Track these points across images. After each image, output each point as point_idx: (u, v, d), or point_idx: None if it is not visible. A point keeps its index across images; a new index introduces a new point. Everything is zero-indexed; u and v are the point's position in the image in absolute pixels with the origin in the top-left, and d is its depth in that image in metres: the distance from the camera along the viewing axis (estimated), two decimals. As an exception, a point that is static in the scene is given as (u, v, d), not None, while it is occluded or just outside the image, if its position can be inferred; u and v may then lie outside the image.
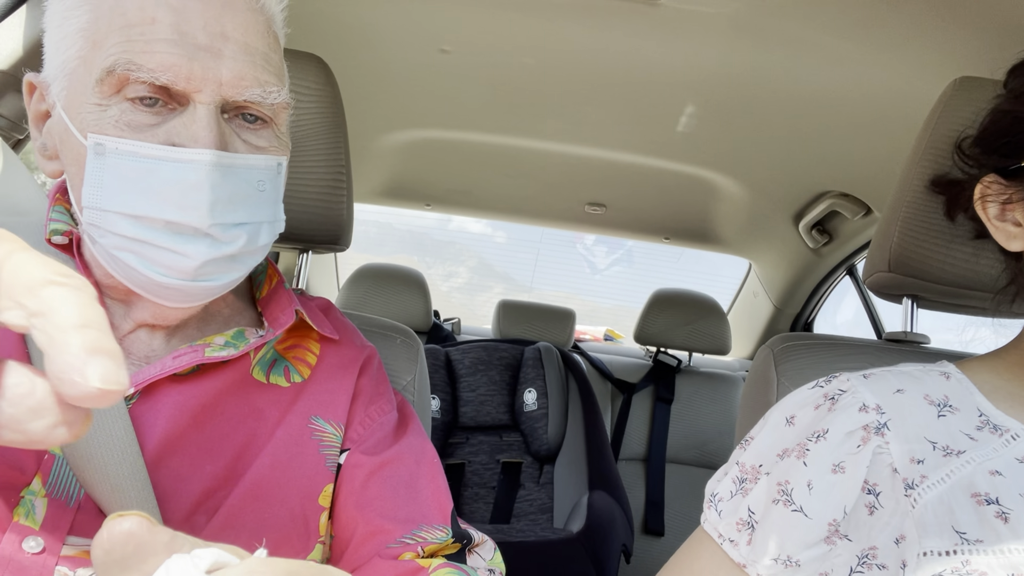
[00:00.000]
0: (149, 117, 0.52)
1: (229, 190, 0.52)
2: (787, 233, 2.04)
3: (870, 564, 0.53)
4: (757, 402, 0.89)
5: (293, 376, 0.66)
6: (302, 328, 0.69)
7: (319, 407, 0.65)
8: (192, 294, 0.54)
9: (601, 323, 3.50)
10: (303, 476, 0.61)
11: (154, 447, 0.55)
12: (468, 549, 0.65)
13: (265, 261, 0.73)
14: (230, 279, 0.56)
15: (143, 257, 0.51)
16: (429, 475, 0.67)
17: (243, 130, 0.56)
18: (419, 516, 0.63)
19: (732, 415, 2.22)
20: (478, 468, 1.95)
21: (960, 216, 0.72)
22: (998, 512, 0.50)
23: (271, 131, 0.58)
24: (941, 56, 1.03)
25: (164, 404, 0.57)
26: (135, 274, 0.52)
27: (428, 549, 0.62)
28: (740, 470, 0.61)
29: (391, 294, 2.15)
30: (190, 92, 0.51)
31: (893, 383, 0.60)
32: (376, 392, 0.71)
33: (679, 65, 1.24)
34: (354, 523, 0.62)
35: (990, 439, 0.55)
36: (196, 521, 0.55)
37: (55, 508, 0.51)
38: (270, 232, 0.58)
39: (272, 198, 0.58)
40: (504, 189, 2.14)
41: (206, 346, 0.59)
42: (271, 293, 0.69)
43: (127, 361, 0.58)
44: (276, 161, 0.58)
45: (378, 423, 0.68)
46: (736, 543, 0.58)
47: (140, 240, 0.51)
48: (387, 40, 1.29)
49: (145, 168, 0.50)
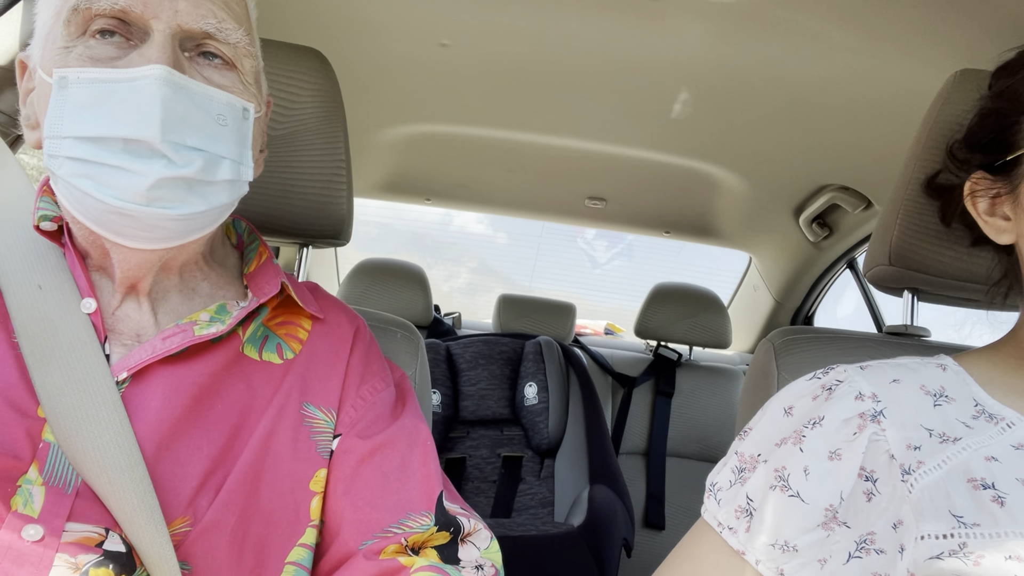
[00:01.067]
0: (111, 50, 0.54)
1: (182, 110, 0.53)
2: (787, 226, 2.04)
3: (868, 549, 0.54)
4: (758, 395, 0.89)
5: (286, 352, 0.66)
6: (292, 305, 0.70)
7: (310, 394, 0.65)
8: (149, 226, 0.54)
9: (601, 317, 3.50)
10: (295, 461, 0.62)
11: (150, 431, 0.55)
12: (460, 539, 0.64)
13: (258, 240, 0.74)
14: (188, 211, 0.55)
15: (97, 180, 0.52)
16: (421, 458, 0.66)
17: (204, 67, 0.58)
18: (407, 503, 0.63)
19: (732, 409, 2.22)
20: (479, 462, 1.95)
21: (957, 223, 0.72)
22: (994, 496, 0.51)
23: (235, 75, 0.60)
24: (942, 48, 1.02)
25: (157, 387, 0.57)
26: (91, 202, 0.52)
27: (412, 540, 0.61)
28: (739, 460, 0.62)
29: (391, 289, 2.15)
30: (147, 19, 0.54)
31: (889, 373, 0.61)
32: (368, 371, 0.70)
33: (679, 58, 1.24)
34: (343, 510, 0.62)
35: (986, 427, 0.55)
36: (198, 505, 0.55)
37: (53, 496, 0.51)
38: (233, 170, 0.59)
39: (236, 138, 0.59)
40: (504, 183, 2.14)
41: (193, 324, 0.60)
42: (259, 268, 0.70)
43: (117, 343, 0.59)
44: (241, 104, 0.59)
45: (370, 403, 0.68)
46: (735, 530, 0.58)
47: (95, 162, 0.52)
48: (387, 34, 1.29)
49: (103, 92, 0.52)
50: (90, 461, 0.51)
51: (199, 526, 0.55)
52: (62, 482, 0.52)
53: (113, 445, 0.52)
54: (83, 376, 0.54)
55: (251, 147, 0.61)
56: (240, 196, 0.62)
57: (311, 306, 0.71)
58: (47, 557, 0.48)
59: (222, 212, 0.60)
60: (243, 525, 0.57)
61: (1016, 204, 0.59)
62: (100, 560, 0.50)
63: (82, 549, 0.50)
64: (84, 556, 0.49)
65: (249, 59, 0.61)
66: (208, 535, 0.55)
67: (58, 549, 0.49)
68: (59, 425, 0.52)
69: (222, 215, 0.61)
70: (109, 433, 0.52)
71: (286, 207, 0.87)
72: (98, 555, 0.50)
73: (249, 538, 0.57)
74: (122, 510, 0.51)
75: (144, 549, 0.51)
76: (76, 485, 0.52)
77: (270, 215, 0.87)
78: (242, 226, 0.76)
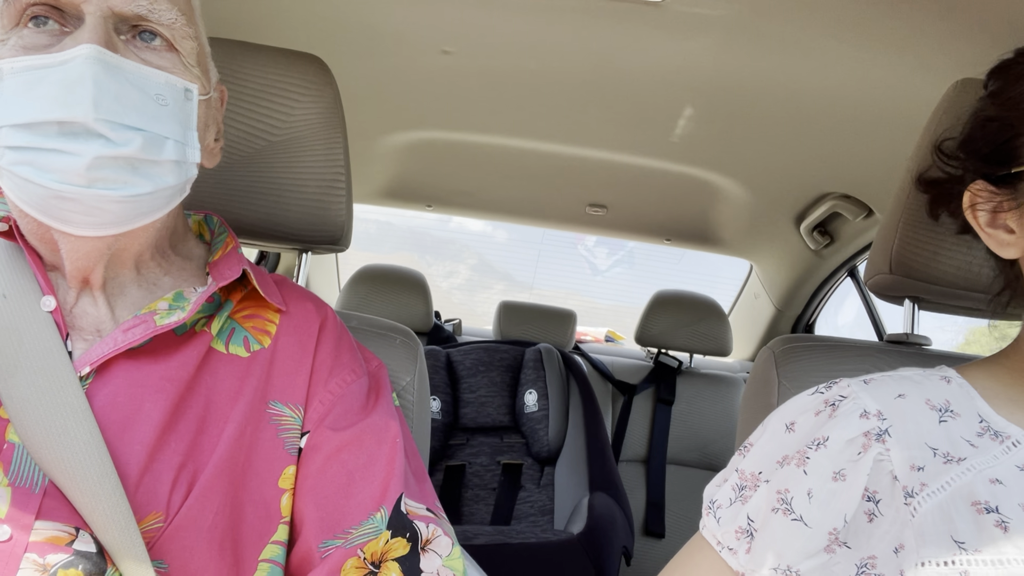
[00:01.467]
0: (44, 38, 0.54)
1: (115, 89, 0.53)
2: (788, 235, 2.04)
3: (868, 573, 0.53)
4: (758, 404, 0.88)
5: (252, 345, 0.66)
6: (259, 298, 0.69)
7: (277, 391, 0.65)
8: (92, 208, 0.54)
9: (602, 324, 3.50)
10: (261, 458, 0.61)
11: (116, 426, 0.55)
12: (421, 547, 0.62)
13: (227, 232, 0.74)
14: (132, 192, 0.55)
15: (36, 166, 0.52)
16: (388, 457, 0.64)
17: (141, 49, 0.58)
18: (368, 504, 0.61)
19: (733, 416, 2.22)
20: (479, 469, 1.94)
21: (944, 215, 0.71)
22: (997, 521, 0.50)
23: (175, 56, 0.60)
24: (942, 57, 1.02)
25: (121, 381, 0.57)
26: (33, 188, 0.52)
27: (369, 550, 0.59)
28: (739, 477, 0.61)
29: (392, 295, 2.15)
30: (78, 4, 0.54)
31: (894, 388, 0.59)
32: (337, 363, 0.69)
33: (680, 67, 1.24)
34: (306, 507, 0.62)
35: (991, 446, 0.54)
36: (172, 501, 0.55)
37: (19, 496, 0.51)
38: (178, 150, 0.58)
39: (178, 118, 0.59)
40: (505, 190, 2.14)
41: (153, 314, 0.60)
42: (223, 257, 0.69)
43: (79, 338, 0.59)
44: (183, 84, 0.59)
45: (339, 396, 0.67)
46: (735, 551, 0.57)
47: (32, 148, 0.52)
48: (389, 41, 1.29)
49: (35, 78, 0.52)
50: (57, 463, 0.51)
51: (173, 523, 0.54)
52: (28, 482, 0.52)
53: (82, 452, 0.51)
54: (49, 385, 0.53)
55: (196, 129, 0.61)
56: (189, 180, 0.62)
57: (274, 297, 0.69)
58: (15, 557, 0.48)
59: (170, 197, 0.60)
60: (219, 521, 0.57)
61: (1022, 218, 0.57)
62: (70, 560, 0.49)
63: (51, 548, 0.49)
64: (53, 556, 0.49)
65: (189, 41, 0.60)
66: (183, 532, 0.54)
67: (27, 548, 0.48)
68: (25, 431, 0.52)
69: (170, 200, 0.60)
70: (78, 442, 0.52)
71: (284, 213, 0.87)
72: (68, 555, 0.49)
73: (227, 535, 0.57)
74: (92, 511, 0.51)
75: (115, 548, 0.51)
76: (43, 484, 0.52)
77: (268, 220, 0.87)
78: (214, 221, 0.76)
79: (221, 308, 0.66)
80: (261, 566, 0.59)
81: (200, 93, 0.62)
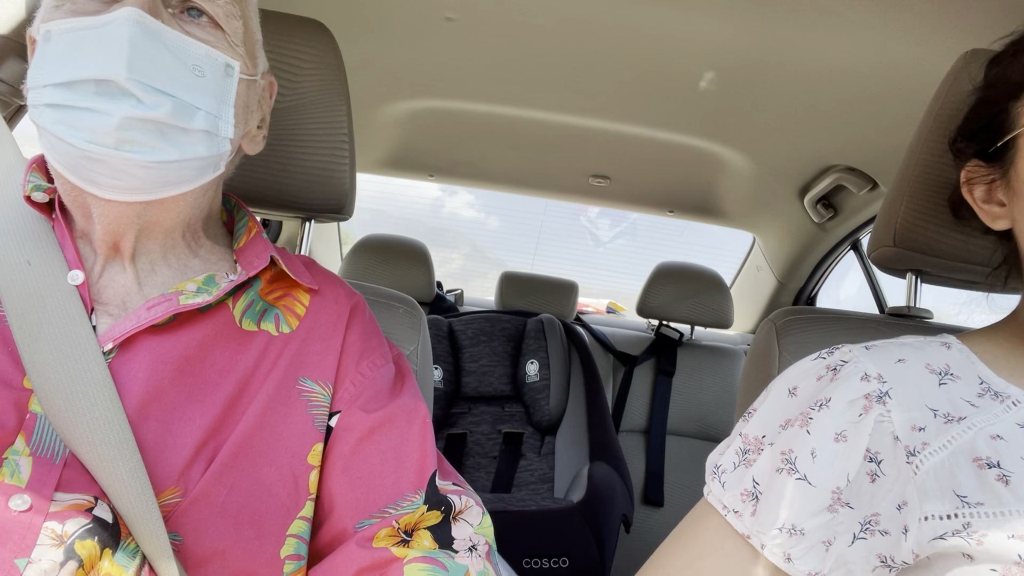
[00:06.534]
0: (95, 4, 0.56)
1: (152, 53, 0.54)
2: (792, 207, 2.03)
3: (872, 531, 0.54)
4: (759, 375, 0.89)
5: (282, 326, 0.66)
6: (288, 278, 0.70)
7: (307, 368, 0.65)
8: (119, 171, 0.54)
9: (604, 296, 3.50)
10: (291, 435, 0.62)
11: (137, 401, 0.55)
12: (453, 517, 0.64)
13: (247, 215, 0.74)
14: (158, 157, 0.56)
15: (69, 124, 0.53)
16: (418, 437, 0.66)
17: (188, 23, 0.59)
18: (403, 483, 0.63)
19: (733, 388, 2.23)
20: (480, 438, 1.96)
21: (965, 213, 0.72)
22: (999, 475, 0.51)
23: (221, 33, 0.61)
24: (952, 28, 1.01)
25: (144, 357, 0.57)
26: (65, 148, 0.54)
27: (403, 521, 0.61)
28: (743, 441, 0.62)
29: (394, 265, 2.15)
30: None
31: (895, 353, 0.61)
32: (367, 346, 0.70)
33: (685, 37, 1.23)
34: (339, 488, 0.62)
35: (991, 405, 0.55)
36: (190, 475, 0.56)
37: (40, 466, 0.51)
38: (210, 122, 0.59)
39: (214, 91, 0.59)
40: (508, 160, 2.13)
41: (179, 294, 0.61)
42: (249, 243, 0.70)
43: (104, 313, 0.59)
44: (224, 59, 0.60)
45: (370, 378, 0.68)
46: (740, 514, 0.58)
47: (68, 106, 0.53)
48: (391, 7, 1.27)
49: (78, 39, 0.54)
50: (78, 434, 0.52)
51: (189, 497, 0.55)
52: (49, 452, 0.52)
53: (102, 420, 0.52)
54: (71, 352, 0.54)
55: (234, 105, 0.62)
56: (221, 156, 0.62)
57: (304, 278, 0.70)
58: (34, 527, 0.48)
59: (199, 169, 0.60)
60: (237, 497, 0.57)
61: (1009, 189, 0.59)
62: (85, 531, 0.50)
63: (69, 517, 0.50)
64: (72, 524, 0.49)
65: (236, 20, 0.62)
66: (198, 506, 0.55)
67: (46, 518, 0.49)
68: (47, 399, 0.52)
69: (200, 174, 0.60)
70: (98, 410, 0.52)
71: (288, 180, 0.87)
72: (87, 520, 0.50)
73: (245, 510, 0.57)
74: (110, 481, 0.51)
75: (132, 520, 0.51)
76: (64, 455, 0.53)
77: (272, 188, 0.87)
78: (231, 202, 0.76)
79: (249, 286, 0.67)
80: (288, 540, 0.60)
81: (242, 72, 0.63)
